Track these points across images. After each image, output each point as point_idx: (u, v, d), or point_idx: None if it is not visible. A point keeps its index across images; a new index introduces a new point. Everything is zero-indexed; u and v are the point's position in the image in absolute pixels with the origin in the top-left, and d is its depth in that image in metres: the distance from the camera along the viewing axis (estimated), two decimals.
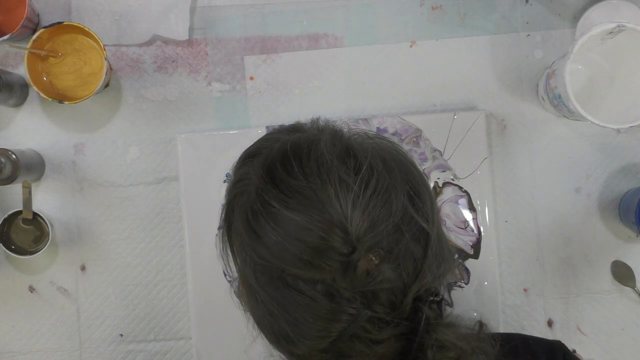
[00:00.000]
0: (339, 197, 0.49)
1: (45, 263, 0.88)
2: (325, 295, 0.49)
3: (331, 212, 0.48)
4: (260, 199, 0.51)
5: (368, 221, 0.49)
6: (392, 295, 0.50)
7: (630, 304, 0.88)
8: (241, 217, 0.53)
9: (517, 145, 0.88)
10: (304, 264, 0.49)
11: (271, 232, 0.50)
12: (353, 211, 0.49)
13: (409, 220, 0.51)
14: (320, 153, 0.52)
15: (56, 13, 0.88)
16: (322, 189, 0.49)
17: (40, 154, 0.88)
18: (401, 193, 0.52)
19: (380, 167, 0.52)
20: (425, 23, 0.89)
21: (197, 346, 0.85)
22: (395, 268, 0.50)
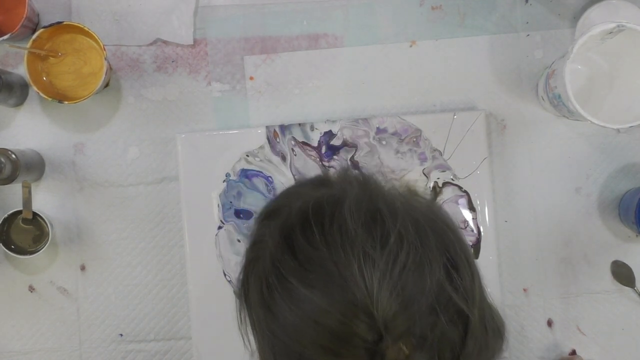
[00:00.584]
0: (364, 275, 0.42)
1: (45, 263, 0.88)
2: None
3: (355, 292, 0.42)
4: (277, 271, 0.46)
5: (397, 303, 0.42)
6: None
7: (630, 304, 0.88)
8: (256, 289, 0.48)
9: (517, 145, 0.88)
10: (324, 350, 0.43)
11: (287, 312, 0.44)
12: (379, 292, 0.42)
13: (446, 300, 0.44)
14: (343, 219, 0.45)
15: (56, 13, 0.88)
16: (345, 263, 0.43)
17: (40, 154, 0.88)
18: (436, 266, 0.45)
19: (411, 235, 0.45)
20: (425, 23, 0.89)
21: (197, 346, 0.85)
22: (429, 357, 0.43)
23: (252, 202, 0.86)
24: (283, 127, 0.86)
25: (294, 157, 0.86)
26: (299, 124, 0.86)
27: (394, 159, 0.86)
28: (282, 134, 0.86)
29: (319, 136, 0.86)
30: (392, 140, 0.86)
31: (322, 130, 0.86)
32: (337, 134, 0.86)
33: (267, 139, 0.86)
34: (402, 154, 0.86)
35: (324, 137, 0.86)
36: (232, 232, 0.86)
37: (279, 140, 0.86)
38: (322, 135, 0.86)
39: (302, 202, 0.49)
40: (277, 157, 0.86)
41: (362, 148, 0.86)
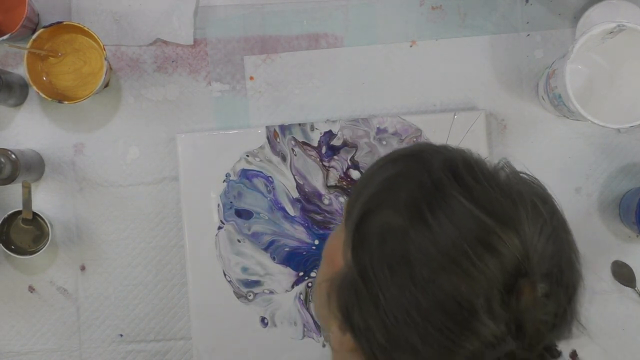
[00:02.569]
0: (528, 217, 0.45)
1: (45, 263, 0.88)
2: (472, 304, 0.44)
3: (516, 227, 0.45)
4: (442, 189, 0.46)
5: (550, 249, 0.46)
6: (536, 335, 0.45)
7: (630, 304, 0.88)
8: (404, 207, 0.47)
9: (517, 145, 0.88)
10: (471, 262, 0.44)
11: (447, 224, 0.45)
12: (539, 238, 0.45)
13: (572, 264, 0.48)
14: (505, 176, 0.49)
15: (56, 13, 0.88)
16: (512, 207, 0.46)
17: (40, 154, 0.88)
18: (570, 239, 0.49)
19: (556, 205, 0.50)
20: (425, 23, 0.89)
21: (197, 346, 0.85)
22: (550, 308, 0.45)
23: (253, 203, 0.86)
24: (283, 127, 0.86)
25: (294, 157, 0.86)
26: (299, 124, 0.86)
27: None
28: (282, 134, 0.86)
29: (319, 136, 0.86)
30: (392, 140, 0.86)
31: (322, 130, 0.86)
32: (337, 134, 0.86)
33: (267, 139, 0.86)
34: None
35: (324, 137, 0.86)
36: (232, 232, 0.86)
37: (279, 140, 0.86)
38: (322, 135, 0.86)
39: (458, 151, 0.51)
40: (277, 157, 0.86)
41: (363, 148, 0.86)
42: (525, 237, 0.45)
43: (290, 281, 0.86)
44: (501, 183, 0.48)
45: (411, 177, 0.49)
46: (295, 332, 0.86)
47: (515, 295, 0.43)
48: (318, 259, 0.86)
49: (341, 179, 0.86)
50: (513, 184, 0.48)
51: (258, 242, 0.86)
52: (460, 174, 0.47)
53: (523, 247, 0.44)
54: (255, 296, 0.86)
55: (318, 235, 0.86)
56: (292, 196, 0.86)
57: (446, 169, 0.48)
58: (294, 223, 0.86)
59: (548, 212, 0.47)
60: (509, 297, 0.43)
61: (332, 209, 0.86)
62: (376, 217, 0.48)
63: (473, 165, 0.49)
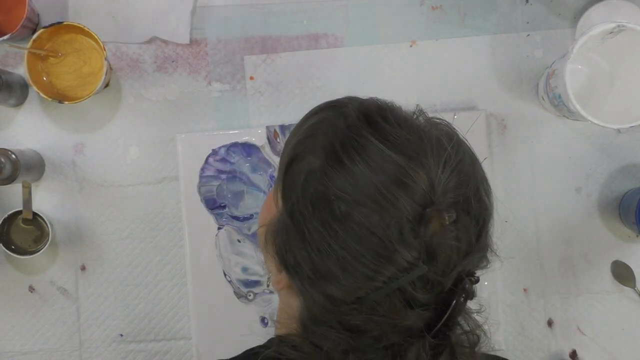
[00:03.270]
0: (434, 154, 0.50)
1: (45, 263, 0.88)
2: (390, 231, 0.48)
3: (423, 162, 0.49)
4: (355, 132, 0.51)
5: (454, 181, 0.50)
6: (446, 261, 0.49)
7: (630, 304, 0.88)
8: (321, 151, 0.52)
9: (517, 145, 0.88)
10: (382, 196, 0.48)
11: (359, 162, 0.49)
12: (443, 169, 0.49)
13: (478, 198, 0.52)
14: (413, 117, 0.54)
15: (56, 13, 0.88)
16: (419, 143, 0.50)
17: (40, 154, 0.88)
18: (478, 172, 0.54)
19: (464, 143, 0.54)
20: (425, 23, 0.89)
21: (197, 346, 0.85)
22: (457, 237, 0.49)
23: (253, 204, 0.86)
24: (283, 127, 0.86)
25: None
26: None
27: None
28: (282, 134, 0.86)
29: None
30: None
31: None
32: None
33: (267, 139, 0.86)
34: None
35: None
36: (232, 232, 0.86)
37: (279, 140, 0.86)
38: None
39: (371, 99, 0.56)
40: (278, 157, 0.86)
41: None
42: (430, 170, 0.49)
43: None
44: (410, 124, 0.53)
45: (329, 124, 0.54)
46: None
47: (424, 223, 0.48)
48: None
49: None
50: (421, 124, 0.53)
51: (258, 242, 0.86)
52: (373, 117, 0.52)
53: (429, 179, 0.48)
54: (256, 296, 0.86)
55: None
56: None
57: (360, 113, 0.53)
58: None
59: (453, 147, 0.51)
60: (419, 226, 0.48)
61: None
62: (300, 163, 0.53)
63: (385, 109, 0.54)
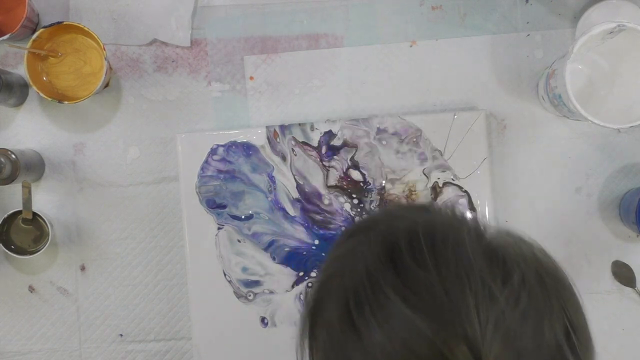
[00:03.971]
0: (479, 310, 0.37)
1: (45, 263, 0.88)
2: None
3: (465, 326, 0.36)
4: (372, 282, 0.40)
5: (512, 351, 0.37)
6: None
7: (630, 304, 0.88)
8: (337, 303, 0.42)
9: (517, 145, 0.88)
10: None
11: (376, 330, 0.38)
12: (494, 333, 0.36)
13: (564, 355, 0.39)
14: (461, 242, 0.40)
15: (56, 13, 0.88)
16: (459, 292, 0.38)
17: (40, 154, 0.88)
18: (557, 322, 0.40)
19: (534, 283, 0.40)
20: (425, 23, 0.89)
21: (197, 346, 0.85)
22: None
23: (253, 204, 0.86)
24: (283, 127, 0.86)
25: (294, 157, 0.86)
26: (299, 124, 0.86)
27: (395, 159, 0.86)
28: (282, 134, 0.86)
29: (319, 136, 0.86)
30: (392, 140, 0.86)
31: (322, 130, 0.86)
32: (337, 134, 0.86)
33: (267, 139, 0.86)
34: (403, 154, 0.86)
35: (324, 137, 0.86)
36: (232, 232, 0.86)
37: (279, 140, 0.86)
38: (322, 136, 0.86)
39: (408, 221, 0.43)
40: (278, 157, 0.86)
41: (363, 148, 0.86)
42: (473, 335, 0.36)
43: (291, 281, 0.86)
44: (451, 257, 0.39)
45: (349, 263, 0.43)
46: (295, 332, 0.86)
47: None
48: (318, 259, 0.86)
49: (341, 179, 0.86)
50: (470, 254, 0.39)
51: (258, 242, 0.86)
52: (400, 254, 0.40)
53: (472, 350, 0.36)
54: (255, 296, 0.86)
55: (318, 235, 0.86)
56: (292, 196, 0.86)
57: (384, 248, 0.41)
58: (294, 223, 0.86)
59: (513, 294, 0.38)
60: None
61: (332, 209, 0.86)
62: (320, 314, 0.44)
63: (419, 237, 0.41)
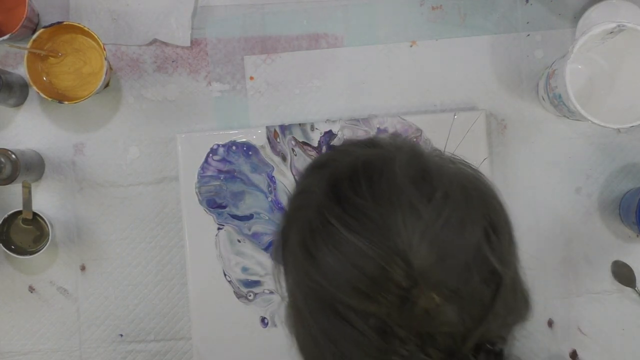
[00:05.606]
0: (407, 225, 0.44)
1: (45, 263, 0.88)
2: (377, 332, 0.45)
3: (396, 241, 0.44)
4: (321, 215, 0.47)
5: (435, 255, 0.44)
6: (450, 340, 0.45)
7: (630, 304, 0.88)
8: (298, 233, 0.50)
9: (517, 145, 0.88)
10: (359, 293, 0.45)
11: (328, 255, 0.46)
12: (420, 242, 0.44)
13: (482, 259, 0.46)
14: (392, 173, 0.47)
15: (56, 13, 0.88)
16: (390, 213, 0.45)
17: (40, 154, 0.88)
18: (477, 227, 0.47)
19: (457, 195, 0.47)
20: (425, 23, 0.89)
21: (197, 346, 0.85)
22: (458, 311, 0.44)
23: (253, 204, 0.86)
24: (283, 127, 0.86)
25: (295, 157, 0.86)
26: (299, 124, 0.86)
27: None
28: (282, 134, 0.86)
29: (319, 136, 0.86)
30: None
31: (323, 130, 0.86)
32: (337, 134, 0.86)
33: (267, 139, 0.86)
34: None
35: (324, 137, 0.86)
36: (232, 233, 0.86)
37: (279, 140, 0.86)
38: (322, 135, 0.86)
39: (352, 157, 0.51)
40: (278, 157, 0.86)
41: None
42: (404, 247, 0.44)
43: None
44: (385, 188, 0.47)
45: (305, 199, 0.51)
46: None
47: (409, 310, 0.44)
48: None
49: None
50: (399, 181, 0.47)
51: (258, 242, 0.86)
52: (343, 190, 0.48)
53: (404, 260, 0.44)
54: (256, 296, 0.86)
55: None
56: None
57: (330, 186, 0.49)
58: None
59: (435, 206, 0.45)
60: (405, 314, 0.44)
61: None
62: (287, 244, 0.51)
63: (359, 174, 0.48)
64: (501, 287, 0.47)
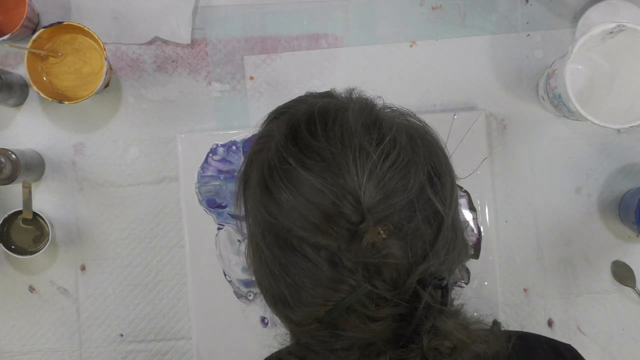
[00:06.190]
0: (357, 165, 0.48)
1: (45, 263, 0.88)
2: (327, 263, 0.49)
3: (346, 178, 0.48)
4: (279, 155, 0.51)
5: (382, 193, 0.48)
6: (395, 273, 0.49)
7: (630, 304, 0.88)
8: (258, 172, 0.53)
9: (517, 145, 0.88)
10: (311, 226, 0.48)
11: (284, 190, 0.50)
12: (368, 181, 0.48)
13: (425, 200, 0.51)
14: (346, 119, 0.51)
15: (56, 13, 0.88)
16: (342, 153, 0.49)
17: (40, 154, 0.88)
18: (421, 171, 0.51)
19: (404, 142, 0.51)
20: (425, 23, 0.89)
21: (197, 346, 0.85)
22: (402, 246, 0.49)
23: None
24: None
25: None
26: None
27: None
28: None
29: None
30: None
31: None
32: None
33: None
34: None
35: None
36: (232, 233, 0.86)
37: None
38: None
39: (309, 105, 0.55)
40: None
41: None
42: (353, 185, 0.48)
43: None
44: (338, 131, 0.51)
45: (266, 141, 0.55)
46: None
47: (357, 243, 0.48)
48: None
49: None
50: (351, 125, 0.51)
51: None
52: (300, 132, 0.52)
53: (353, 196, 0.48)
54: (256, 296, 0.86)
55: None
56: None
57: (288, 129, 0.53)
58: None
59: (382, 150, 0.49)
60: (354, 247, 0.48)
61: None
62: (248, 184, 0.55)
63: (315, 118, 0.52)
64: (442, 226, 0.51)
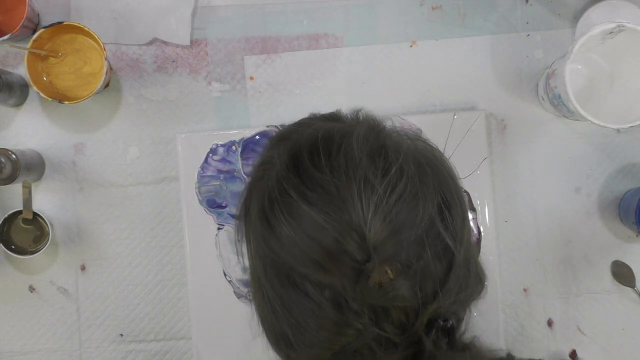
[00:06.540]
0: (362, 199, 0.45)
1: (45, 263, 0.88)
2: (332, 303, 0.46)
3: (351, 214, 0.45)
4: (280, 186, 0.48)
5: (389, 229, 0.45)
6: (403, 315, 0.46)
7: (630, 304, 0.88)
8: (258, 203, 0.51)
9: (517, 145, 0.88)
10: (314, 264, 0.45)
11: (284, 225, 0.47)
12: (374, 216, 0.44)
13: (435, 234, 0.47)
14: (350, 147, 0.48)
15: (56, 13, 0.88)
16: (346, 186, 0.46)
17: (40, 154, 0.88)
18: (430, 203, 0.47)
19: (412, 171, 0.48)
20: (425, 23, 0.89)
21: (197, 346, 0.85)
22: (411, 285, 0.45)
23: None
24: (283, 127, 0.86)
25: None
26: None
27: None
28: None
29: None
30: None
31: None
32: None
33: None
34: None
35: None
36: (232, 233, 0.86)
37: None
38: None
39: (312, 130, 0.52)
40: None
41: None
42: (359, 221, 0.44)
43: None
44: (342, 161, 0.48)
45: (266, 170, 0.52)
46: None
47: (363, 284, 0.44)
48: None
49: None
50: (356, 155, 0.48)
51: None
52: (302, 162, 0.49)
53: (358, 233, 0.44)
54: None
55: None
56: None
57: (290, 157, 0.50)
58: None
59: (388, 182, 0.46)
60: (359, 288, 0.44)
61: None
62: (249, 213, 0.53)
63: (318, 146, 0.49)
64: (454, 263, 0.47)
